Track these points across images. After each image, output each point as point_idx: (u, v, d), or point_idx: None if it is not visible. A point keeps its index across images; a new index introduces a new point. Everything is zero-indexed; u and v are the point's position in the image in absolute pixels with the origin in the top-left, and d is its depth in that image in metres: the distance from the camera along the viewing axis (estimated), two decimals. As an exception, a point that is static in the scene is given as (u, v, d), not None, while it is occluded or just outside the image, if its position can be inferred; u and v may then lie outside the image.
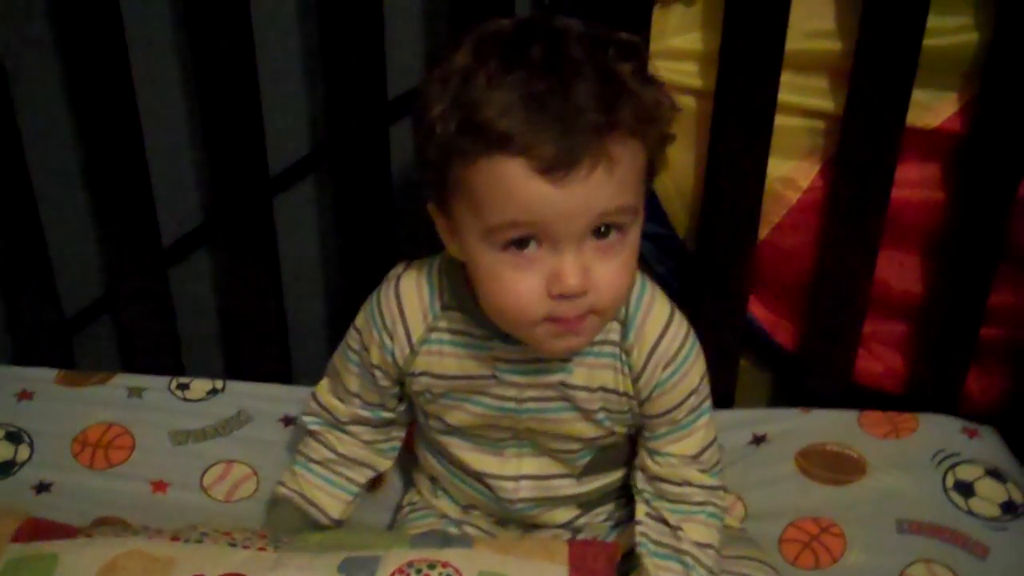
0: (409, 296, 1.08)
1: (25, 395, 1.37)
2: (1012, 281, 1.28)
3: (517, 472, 1.13)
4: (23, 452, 1.30)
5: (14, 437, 1.32)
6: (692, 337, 1.07)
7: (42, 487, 1.26)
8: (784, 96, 1.21)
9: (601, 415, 1.08)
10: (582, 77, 0.89)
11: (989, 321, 1.31)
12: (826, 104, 1.23)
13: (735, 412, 1.37)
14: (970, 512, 1.23)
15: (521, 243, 0.93)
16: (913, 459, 1.29)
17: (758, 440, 1.33)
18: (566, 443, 1.11)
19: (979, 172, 1.22)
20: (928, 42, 1.16)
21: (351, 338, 1.13)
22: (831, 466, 1.28)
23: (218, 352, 1.54)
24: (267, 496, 1.25)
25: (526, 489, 1.13)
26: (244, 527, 1.11)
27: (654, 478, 1.09)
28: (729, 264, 1.31)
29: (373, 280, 1.34)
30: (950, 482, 1.26)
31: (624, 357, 1.05)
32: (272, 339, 1.44)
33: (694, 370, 1.07)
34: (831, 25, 1.20)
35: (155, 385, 1.40)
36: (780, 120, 1.23)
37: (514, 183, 0.89)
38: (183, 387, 1.40)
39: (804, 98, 1.23)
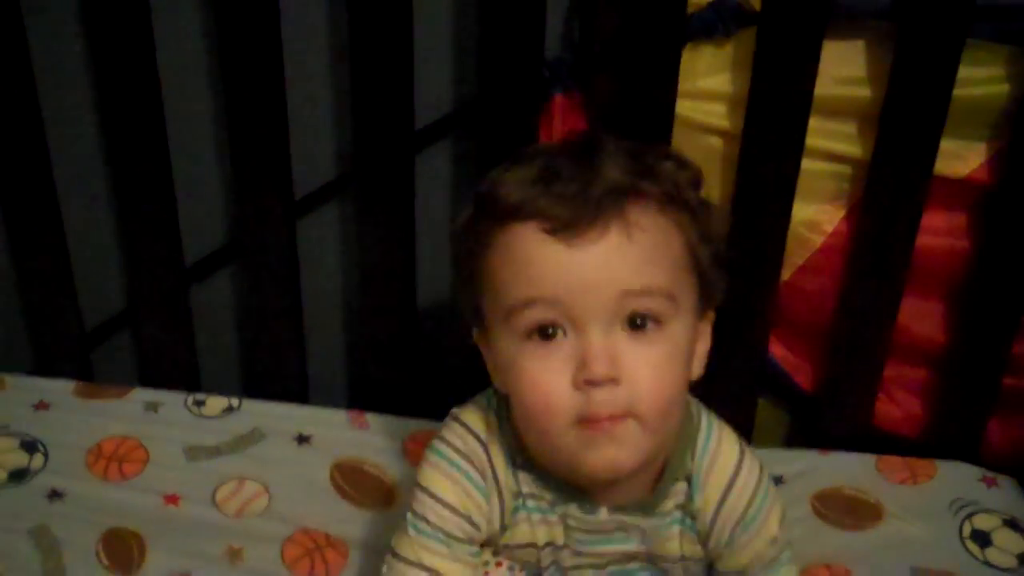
0: (496, 451, 0.97)
1: (42, 405, 1.38)
2: (1035, 332, 1.28)
3: None
4: (37, 460, 1.30)
5: (29, 446, 1.32)
6: (765, 481, 0.98)
7: (55, 494, 1.25)
8: (811, 140, 1.22)
9: (678, 570, 1.02)
10: (607, 154, 0.87)
11: (1011, 370, 1.31)
12: (853, 149, 1.24)
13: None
14: (987, 562, 1.21)
15: (545, 332, 0.87)
16: (930, 506, 1.28)
17: (775, 481, 1.30)
18: None
19: (1006, 223, 1.23)
20: (958, 92, 1.17)
21: (426, 507, 0.97)
22: (847, 510, 1.27)
23: (236, 370, 1.54)
24: (279, 513, 1.25)
25: None
26: None
27: None
28: (751, 304, 1.30)
29: (391, 306, 1.35)
30: (967, 531, 1.25)
31: (690, 521, 0.98)
32: (290, 360, 1.44)
33: (769, 520, 0.98)
34: (861, 72, 1.21)
35: (172, 401, 1.40)
36: (807, 164, 1.23)
37: (527, 250, 0.85)
38: (199, 403, 1.40)
39: (832, 143, 1.24)
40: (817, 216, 1.28)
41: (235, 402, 1.40)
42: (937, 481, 1.31)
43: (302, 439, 1.35)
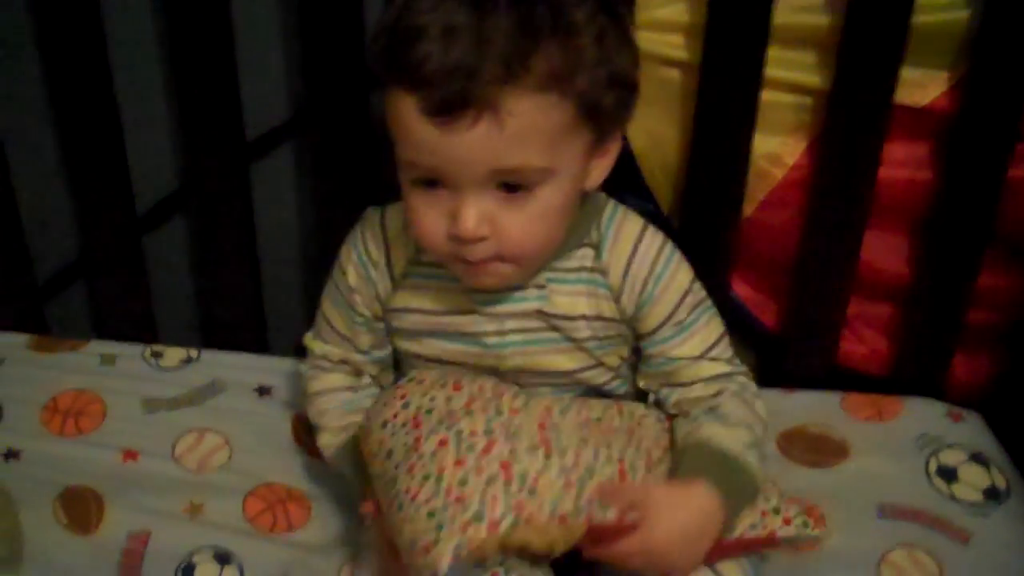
0: (394, 225, 1.07)
1: (-5, 360, 1.36)
2: (999, 264, 1.26)
3: None
4: (-8, 418, 1.28)
5: (-17, 403, 1.30)
6: (669, 245, 1.06)
7: (11, 454, 1.24)
8: (770, 71, 1.19)
9: (591, 344, 1.06)
10: (498, 17, 0.86)
11: (976, 304, 1.29)
12: (813, 80, 1.20)
13: (716, 391, 1.35)
14: (952, 497, 1.21)
15: (428, 183, 0.93)
16: (896, 443, 1.27)
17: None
18: (553, 379, 1.08)
19: (968, 152, 1.20)
20: (918, 18, 1.14)
21: (338, 277, 1.11)
22: (813, 448, 1.26)
23: (193, 321, 1.51)
24: (239, 466, 1.25)
25: None
26: None
27: (664, 385, 1.08)
28: (713, 241, 1.28)
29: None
30: (933, 467, 1.24)
31: (601, 278, 1.04)
32: (248, 308, 1.42)
33: (679, 274, 1.05)
34: (819, -1, 1.17)
35: (128, 353, 1.38)
36: (767, 95, 1.21)
37: (408, 122, 0.90)
38: (157, 355, 1.38)
39: (791, 73, 1.21)
40: (778, 149, 1.25)
41: (194, 353, 1.38)
42: (903, 417, 1.30)
43: (263, 391, 1.34)
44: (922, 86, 1.19)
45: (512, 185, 0.92)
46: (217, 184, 1.34)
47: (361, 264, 1.08)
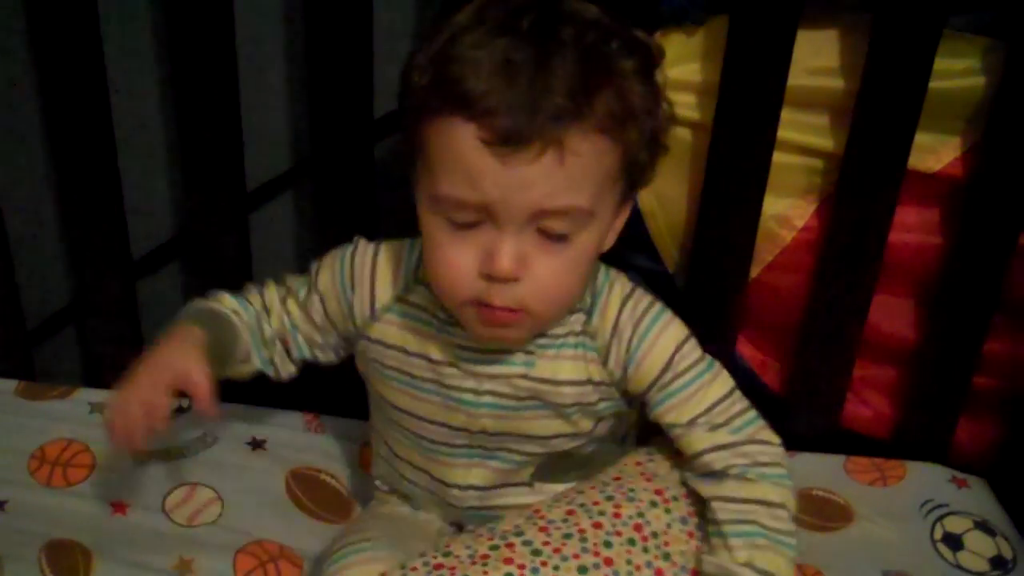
0: (386, 259, 1.05)
1: (-18, 407, 1.32)
2: (1007, 331, 1.26)
3: (464, 482, 1.08)
4: (-23, 467, 1.25)
5: (-31, 451, 1.26)
6: (658, 306, 1.03)
7: (-4, 505, 1.21)
8: (783, 133, 1.19)
9: (571, 410, 1.03)
10: (563, 56, 0.87)
11: (982, 370, 1.29)
12: (825, 143, 1.20)
13: (720, 453, 1.33)
14: (958, 566, 1.20)
15: (467, 226, 0.91)
16: (901, 508, 1.26)
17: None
18: (522, 444, 1.05)
19: (979, 219, 1.20)
20: (933, 84, 1.14)
21: (313, 275, 1.09)
22: (816, 512, 1.25)
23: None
24: (231, 523, 1.21)
25: (473, 499, 1.08)
26: None
27: (678, 454, 1.06)
28: (719, 302, 1.28)
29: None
30: (938, 534, 1.23)
31: (589, 341, 1.02)
32: (243, 359, 1.39)
33: (667, 333, 1.02)
34: (835, 63, 1.17)
35: (119, 401, 1.34)
36: (778, 157, 1.20)
37: (463, 151, 0.87)
38: (148, 405, 1.34)
39: (803, 135, 1.21)
40: (788, 211, 1.25)
41: (185, 403, 1.34)
42: (907, 482, 1.30)
43: (256, 444, 1.31)
44: (934, 152, 1.19)
45: (549, 234, 0.90)
46: (215, 232, 1.32)
47: (341, 277, 1.06)
